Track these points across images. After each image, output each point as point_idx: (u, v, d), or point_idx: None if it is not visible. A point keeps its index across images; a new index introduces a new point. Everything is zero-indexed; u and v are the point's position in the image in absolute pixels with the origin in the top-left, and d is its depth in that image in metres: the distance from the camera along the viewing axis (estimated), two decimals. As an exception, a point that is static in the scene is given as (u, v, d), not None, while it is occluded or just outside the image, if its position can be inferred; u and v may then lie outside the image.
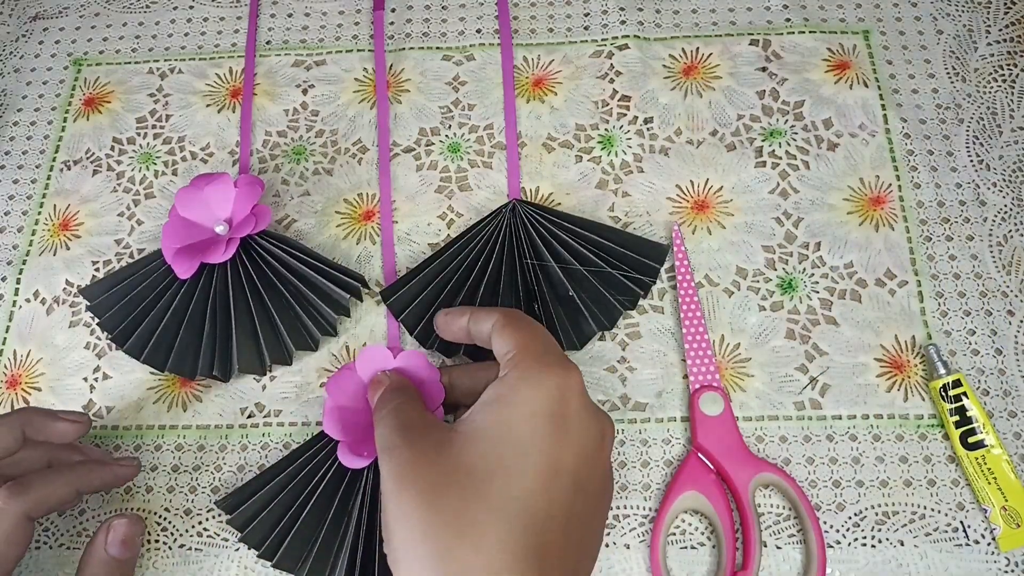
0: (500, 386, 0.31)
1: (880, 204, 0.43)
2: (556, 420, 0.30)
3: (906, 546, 0.37)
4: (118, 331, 0.42)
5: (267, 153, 0.47)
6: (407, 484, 0.29)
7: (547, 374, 0.31)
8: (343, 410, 0.37)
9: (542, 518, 0.28)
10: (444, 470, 0.29)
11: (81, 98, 0.50)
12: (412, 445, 0.30)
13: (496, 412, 0.30)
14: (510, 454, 0.29)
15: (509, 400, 0.30)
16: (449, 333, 0.37)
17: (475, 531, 0.27)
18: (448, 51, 0.49)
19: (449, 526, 0.27)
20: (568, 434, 0.30)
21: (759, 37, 0.48)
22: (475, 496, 0.28)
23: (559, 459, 0.29)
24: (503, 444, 0.29)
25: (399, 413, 0.32)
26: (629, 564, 0.37)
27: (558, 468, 0.29)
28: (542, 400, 0.30)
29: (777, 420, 0.39)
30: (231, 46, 0.51)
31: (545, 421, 0.30)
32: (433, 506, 0.28)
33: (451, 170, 0.46)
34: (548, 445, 0.29)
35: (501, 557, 0.27)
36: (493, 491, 0.28)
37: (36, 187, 0.48)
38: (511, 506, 0.28)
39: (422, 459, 0.29)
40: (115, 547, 0.34)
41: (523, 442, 0.29)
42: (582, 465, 0.30)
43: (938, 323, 0.41)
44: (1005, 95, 0.46)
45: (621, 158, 0.45)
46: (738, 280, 0.42)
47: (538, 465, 0.29)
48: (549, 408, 0.30)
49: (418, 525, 0.28)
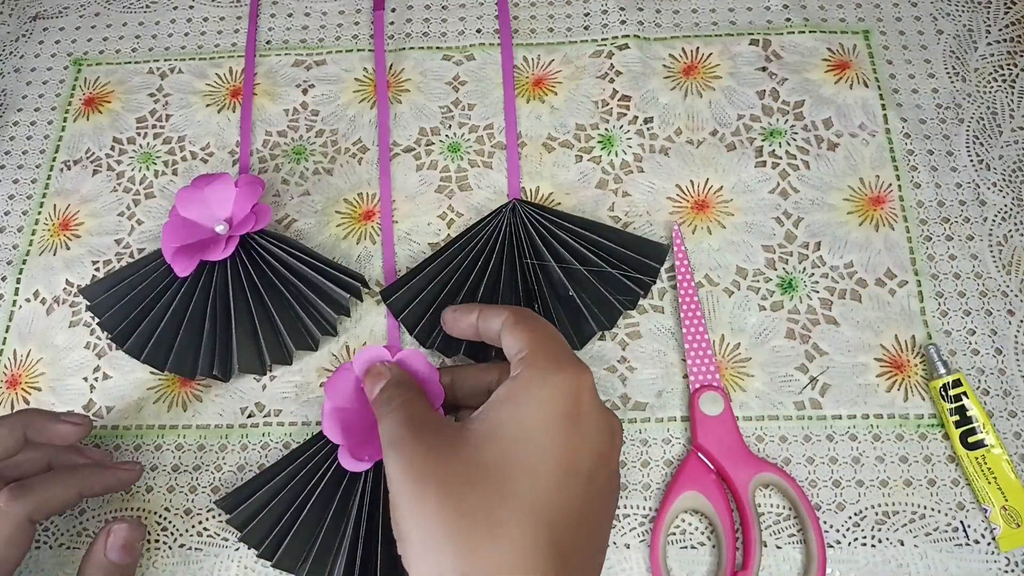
0: (514, 385, 0.31)
1: (880, 204, 0.43)
2: (571, 419, 0.30)
3: (906, 546, 0.37)
4: (118, 331, 0.42)
5: (267, 153, 0.47)
6: (424, 481, 0.28)
7: (561, 373, 0.31)
8: (342, 411, 0.37)
9: (559, 516, 0.28)
10: (462, 467, 0.29)
11: (81, 98, 0.50)
12: (424, 440, 0.30)
13: (511, 410, 0.30)
14: (529, 453, 0.29)
15: (524, 399, 0.30)
16: (456, 330, 0.37)
17: (501, 530, 0.27)
18: (448, 51, 0.49)
19: (474, 525, 0.27)
20: (582, 433, 0.30)
21: (759, 37, 0.48)
22: (497, 494, 0.28)
23: (575, 458, 0.30)
24: (520, 443, 0.29)
25: (406, 407, 0.32)
26: (629, 564, 0.37)
27: (574, 467, 0.29)
28: (557, 399, 0.30)
29: (777, 420, 0.39)
30: (231, 46, 0.51)
31: (561, 420, 0.30)
32: (455, 504, 0.28)
33: (451, 170, 0.46)
34: (564, 444, 0.29)
35: (527, 555, 0.27)
36: (515, 490, 0.28)
37: (36, 187, 0.48)
38: (533, 505, 0.28)
39: (437, 455, 0.29)
40: (115, 552, 0.34)
41: (540, 441, 0.29)
42: (595, 464, 0.30)
43: (938, 323, 0.41)
44: (1005, 95, 0.46)
45: (621, 158, 0.45)
46: (738, 280, 0.42)
47: (556, 464, 0.29)
48: (564, 407, 0.30)
49: (440, 523, 0.27)
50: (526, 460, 0.29)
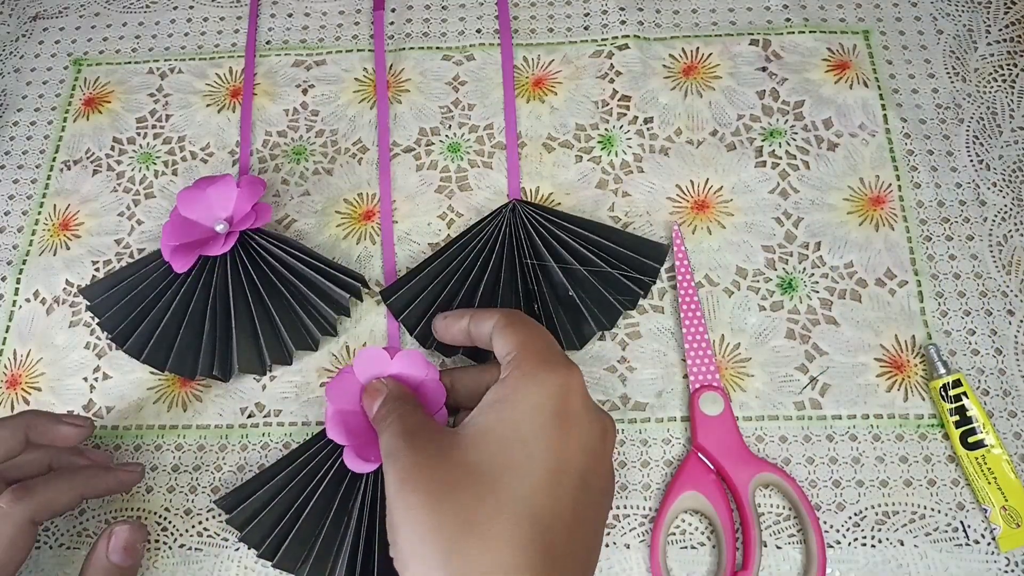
0: (502, 387, 0.31)
1: (880, 204, 0.43)
2: (559, 419, 0.30)
3: (906, 546, 0.37)
4: (118, 331, 0.42)
5: (267, 153, 0.47)
6: (412, 487, 0.29)
7: (549, 373, 0.31)
8: (345, 414, 0.37)
9: (549, 516, 0.28)
10: (449, 471, 0.29)
11: (81, 98, 0.50)
12: (416, 450, 0.30)
13: (500, 412, 0.30)
14: (516, 453, 0.29)
15: (512, 400, 0.30)
16: (448, 336, 0.37)
17: (482, 529, 0.27)
18: (448, 51, 0.49)
19: (456, 524, 0.27)
20: (572, 433, 0.30)
21: (759, 37, 0.48)
22: (482, 495, 0.28)
23: (564, 458, 0.30)
24: (508, 444, 0.29)
25: (402, 420, 0.32)
26: (629, 564, 0.37)
27: (563, 467, 0.29)
28: (545, 399, 0.30)
29: (777, 420, 0.39)
30: (231, 46, 0.51)
31: (549, 420, 0.30)
32: (439, 506, 0.28)
33: (451, 170, 0.46)
34: (553, 444, 0.29)
35: (510, 554, 0.27)
36: (500, 490, 0.28)
37: (36, 187, 0.48)
38: (519, 504, 0.28)
39: (427, 462, 0.29)
40: (117, 554, 0.34)
41: (528, 441, 0.29)
42: (586, 463, 0.30)
43: (938, 323, 0.41)
44: (1005, 95, 0.46)
45: (621, 158, 0.45)
46: (738, 280, 0.42)
47: (544, 464, 0.29)
48: (552, 407, 0.30)
49: (424, 525, 0.28)
50: (513, 461, 0.29)
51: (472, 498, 0.28)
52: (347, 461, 0.36)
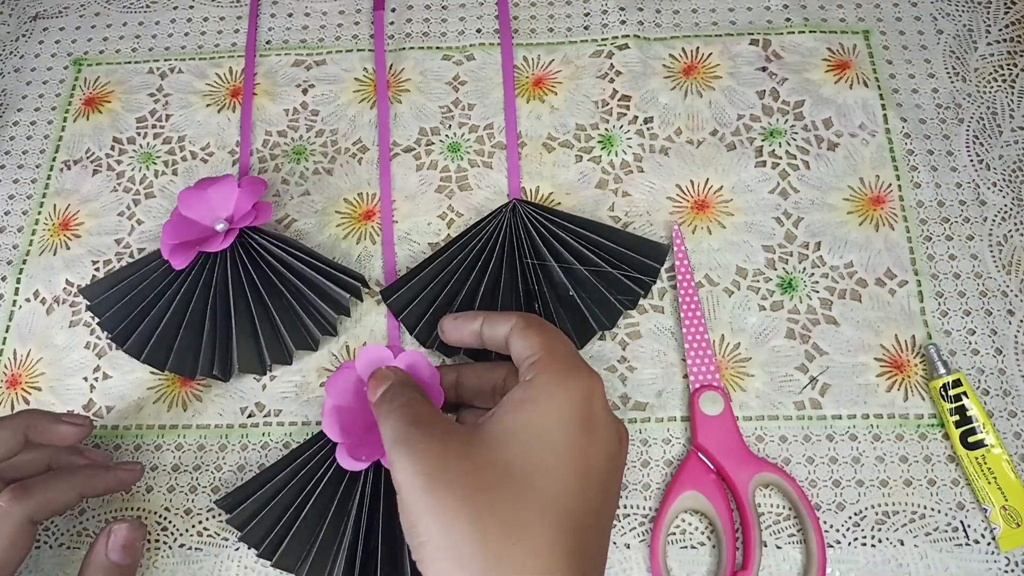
0: (529, 388, 0.30)
1: (880, 204, 0.43)
2: (585, 424, 0.30)
3: (906, 546, 0.37)
4: (118, 331, 0.42)
5: (267, 153, 0.47)
6: (443, 483, 0.28)
7: (575, 378, 0.31)
8: (342, 411, 0.37)
9: (580, 520, 0.28)
10: (482, 470, 0.28)
11: (81, 98, 0.50)
12: (435, 440, 0.29)
13: (526, 414, 0.30)
14: (547, 456, 0.29)
15: (539, 403, 0.30)
16: (456, 337, 0.37)
17: (527, 533, 0.27)
18: (448, 51, 0.49)
19: (500, 528, 0.27)
20: (595, 438, 0.30)
21: (759, 37, 0.48)
22: (520, 497, 0.28)
23: (590, 463, 0.30)
24: (538, 446, 0.29)
25: (411, 406, 0.32)
26: (629, 564, 0.37)
27: (590, 471, 0.30)
28: (572, 403, 0.30)
29: (777, 420, 0.39)
30: (231, 46, 0.51)
31: (576, 425, 0.30)
32: (478, 506, 0.27)
33: (451, 170, 0.46)
34: (580, 448, 0.29)
35: (553, 560, 0.27)
36: (537, 493, 0.28)
37: (36, 187, 0.48)
38: (556, 508, 0.28)
39: (452, 455, 0.29)
40: (116, 552, 0.34)
41: (557, 445, 0.29)
42: (608, 469, 0.31)
43: (938, 323, 0.41)
44: (1005, 95, 0.46)
45: (621, 158, 0.45)
46: (738, 280, 0.42)
47: (574, 468, 0.29)
48: (579, 412, 0.30)
49: (463, 525, 0.27)
50: (545, 464, 0.29)
51: (509, 500, 0.28)
52: (339, 459, 0.36)
